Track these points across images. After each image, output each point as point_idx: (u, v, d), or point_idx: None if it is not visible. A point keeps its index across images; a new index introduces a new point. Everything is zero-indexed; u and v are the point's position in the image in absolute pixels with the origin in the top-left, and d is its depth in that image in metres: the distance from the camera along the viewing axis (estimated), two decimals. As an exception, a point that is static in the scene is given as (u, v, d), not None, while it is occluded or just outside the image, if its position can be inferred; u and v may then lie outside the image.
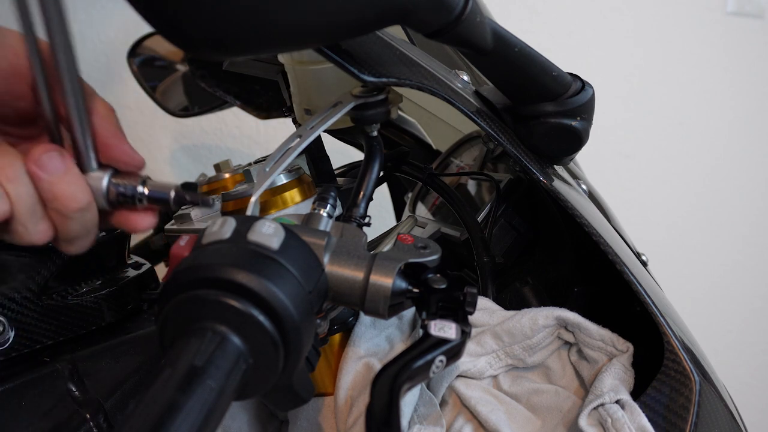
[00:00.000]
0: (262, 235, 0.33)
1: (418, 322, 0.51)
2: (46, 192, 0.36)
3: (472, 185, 0.71)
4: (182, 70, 0.97)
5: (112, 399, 0.49)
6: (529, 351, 0.48)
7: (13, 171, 0.35)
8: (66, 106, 0.35)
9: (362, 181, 0.46)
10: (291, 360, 0.32)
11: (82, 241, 0.39)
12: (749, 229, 1.69)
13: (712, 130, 1.63)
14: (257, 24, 0.29)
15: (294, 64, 0.52)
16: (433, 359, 0.34)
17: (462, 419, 0.47)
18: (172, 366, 0.28)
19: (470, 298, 0.37)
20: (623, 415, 0.42)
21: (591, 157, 0.85)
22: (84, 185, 0.37)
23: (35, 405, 0.45)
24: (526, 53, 0.44)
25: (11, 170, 0.35)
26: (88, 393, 0.48)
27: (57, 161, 0.36)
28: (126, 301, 0.55)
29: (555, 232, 0.61)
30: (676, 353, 0.44)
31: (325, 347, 0.51)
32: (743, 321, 1.73)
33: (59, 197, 0.36)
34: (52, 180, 0.35)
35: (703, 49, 1.59)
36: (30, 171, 0.35)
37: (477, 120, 0.47)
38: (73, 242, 0.39)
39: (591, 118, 0.49)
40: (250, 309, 0.30)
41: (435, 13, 0.35)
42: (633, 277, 0.46)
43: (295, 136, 0.45)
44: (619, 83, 1.56)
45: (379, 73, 0.41)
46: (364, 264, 0.37)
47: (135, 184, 0.38)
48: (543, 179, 0.47)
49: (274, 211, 0.48)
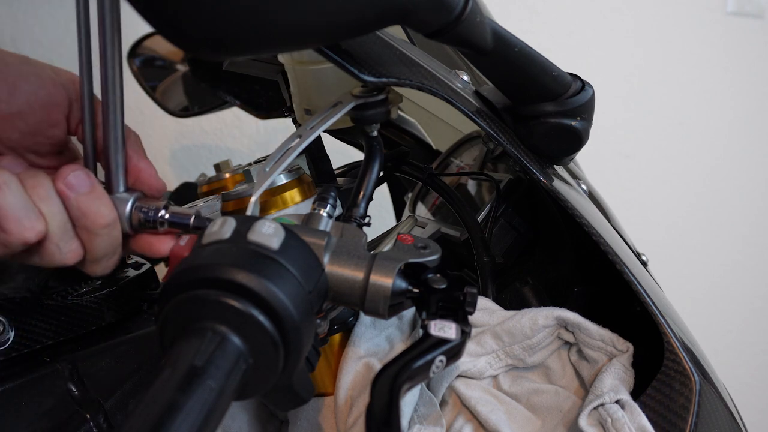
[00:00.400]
0: (262, 235, 0.33)
1: (418, 322, 0.51)
2: (75, 210, 0.37)
3: (472, 185, 0.71)
4: (182, 70, 0.97)
5: (112, 399, 0.49)
6: (529, 351, 0.48)
7: (44, 190, 0.37)
8: (105, 132, 0.39)
9: (362, 181, 0.46)
10: (291, 360, 0.32)
11: (108, 261, 0.41)
12: (749, 229, 1.69)
13: (712, 130, 1.63)
14: (257, 24, 0.29)
15: (294, 64, 0.52)
16: (433, 359, 0.34)
17: (462, 419, 0.47)
18: (172, 366, 0.28)
19: (470, 298, 0.37)
20: (623, 415, 0.42)
21: (591, 157, 0.85)
22: (109, 203, 0.39)
23: (35, 405, 0.46)
24: (526, 53, 0.44)
25: (42, 190, 0.37)
26: (88, 393, 0.48)
27: (84, 179, 0.38)
28: (126, 301, 0.55)
29: (555, 232, 0.60)
30: (676, 353, 0.44)
31: (325, 347, 0.51)
32: (743, 321, 1.73)
33: (87, 214, 0.38)
34: (80, 197, 0.37)
35: (703, 49, 1.59)
36: (59, 190, 0.37)
37: (477, 120, 0.47)
38: (100, 261, 0.40)
39: (591, 118, 0.49)
40: (250, 309, 0.30)
41: (435, 13, 0.35)
42: (633, 277, 0.46)
43: (295, 136, 0.45)
44: (619, 83, 1.56)
45: (379, 73, 0.41)
46: (364, 264, 0.37)
47: (158, 207, 0.41)
48: (543, 179, 0.47)
49: (274, 211, 0.47)
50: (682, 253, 1.66)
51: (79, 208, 0.37)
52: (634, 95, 1.58)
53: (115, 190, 0.41)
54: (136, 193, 0.41)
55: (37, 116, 0.39)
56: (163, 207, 0.41)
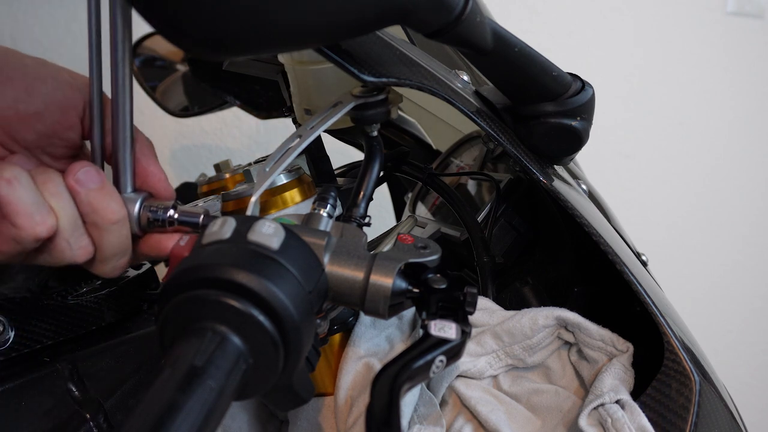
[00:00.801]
0: (262, 235, 0.33)
1: (418, 322, 0.51)
2: (85, 205, 0.38)
3: (472, 185, 0.70)
4: (182, 70, 0.97)
5: (112, 399, 0.49)
6: (529, 351, 0.48)
7: (55, 186, 0.37)
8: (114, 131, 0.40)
9: (362, 181, 0.46)
10: (291, 360, 0.32)
11: (118, 261, 0.41)
12: (749, 229, 1.69)
13: (712, 130, 1.63)
14: (257, 24, 0.29)
15: (294, 64, 0.52)
16: (433, 359, 0.34)
17: (462, 419, 0.47)
18: (172, 366, 0.28)
19: (470, 298, 0.37)
20: (623, 415, 0.42)
21: (591, 157, 0.85)
22: (119, 199, 0.40)
23: (35, 405, 0.46)
24: (526, 53, 0.44)
25: (53, 185, 0.37)
26: (88, 393, 0.48)
27: (94, 175, 0.38)
28: (126, 301, 0.55)
29: (555, 232, 0.60)
30: (676, 353, 0.44)
31: (325, 347, 0.51)
32: (743, 321, 1.73)
33: (97, 209, 0.38)
34: (90, 193, 0.38)
35: (703, 49, 1.59)
36: (69, 185, 0.37)
37: (477, 120, 0.47)
38: (110, 260, 0.41)
39: (591, 118, 0.49)
40: (250, 309, 0.30)
41: (435, 13, 0.35)
42: (633, 277, 0.46)
43: (295, 136, 0.45)
44: (619, 83, 1.56)
45: (379, 73, 0.41)
46: (364, 264, 0.37)
47: (167, 206, 0.41)
48: (543, 179, 0.47)
49: (274, 211, 0.47)
50: (682, 253, 1.66)
51: (90, 204, 0.38)
52: (634, 95, 1.58)
53: (123, 190, 0.41)
54: (143, 194, 0.42)
55: (54, 117, 0.39)
56: (172, 206, 0.41)
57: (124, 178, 0.41)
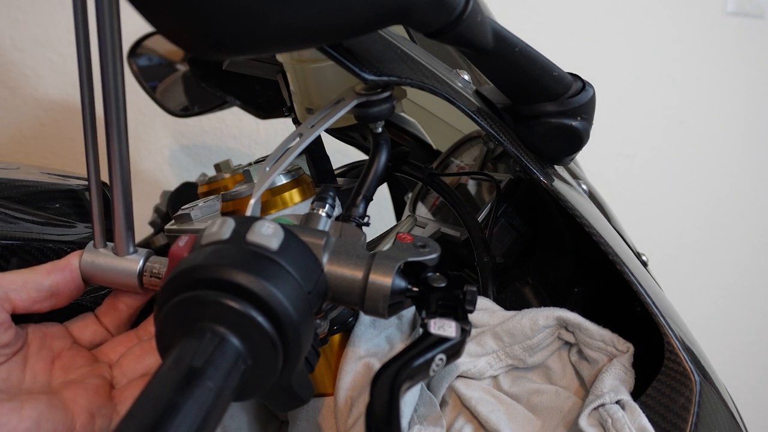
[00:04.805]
0: (261, 236, 0.33)
1: (417, 322, 0.51)
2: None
3: (472, 185, 0.70)
4: (182, 70, 0.97)
5: (112, 399, 0.49)
6: (529, 351, 0.48)
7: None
8: (113, 201, 0.41)
9: (364, 179, 0.46)
10: (290, 360, 0.32)
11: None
12: (750, 228, 1.69)
13: (713, 130, 1.63)
14: (258, 24, 0.29)
15: (294, 62, 0.52)
16: (432, 357, 0.34)
17: (462, 419, 0.47)
18: (170, 366, 0.28)
19: (470, 297, 0.37)
20: (623, 415, 0.41)
21: (591, 157, 0.85)
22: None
23: (34, 405, 0.45)
24: (526, 53, 0.44)
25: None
26: (88, 393, 0.48)
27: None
28: (125, 301, 0.55)
29: (555, 232, 0.60)
30: (676, 353, 0.44)
31: (324, 347, 0.50)
32: (743, 321, 1.73)
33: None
34: None
35: (703, 49, 1.59)
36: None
37: (477, 119, 0.46)
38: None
39: (591, 118, 0.49)
40: (248, 310, 0.30)
41: (436, 12, 0.35)
42: (633, 277, 0.46)
43: (295, 134, 0.45)
44: (619, 83, 1.56)
45: (380, 71, 0.41)
46: (363, 263, 0.37)
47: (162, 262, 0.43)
48: (543, 179, 0.47)
49: (274, 211, 0.47)
50: (682, 253, 1.66)
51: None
52: (634, 95, 1.58)
53: (125, 252, 0.43)
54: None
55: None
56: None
57: (126, 241, 0.43)
